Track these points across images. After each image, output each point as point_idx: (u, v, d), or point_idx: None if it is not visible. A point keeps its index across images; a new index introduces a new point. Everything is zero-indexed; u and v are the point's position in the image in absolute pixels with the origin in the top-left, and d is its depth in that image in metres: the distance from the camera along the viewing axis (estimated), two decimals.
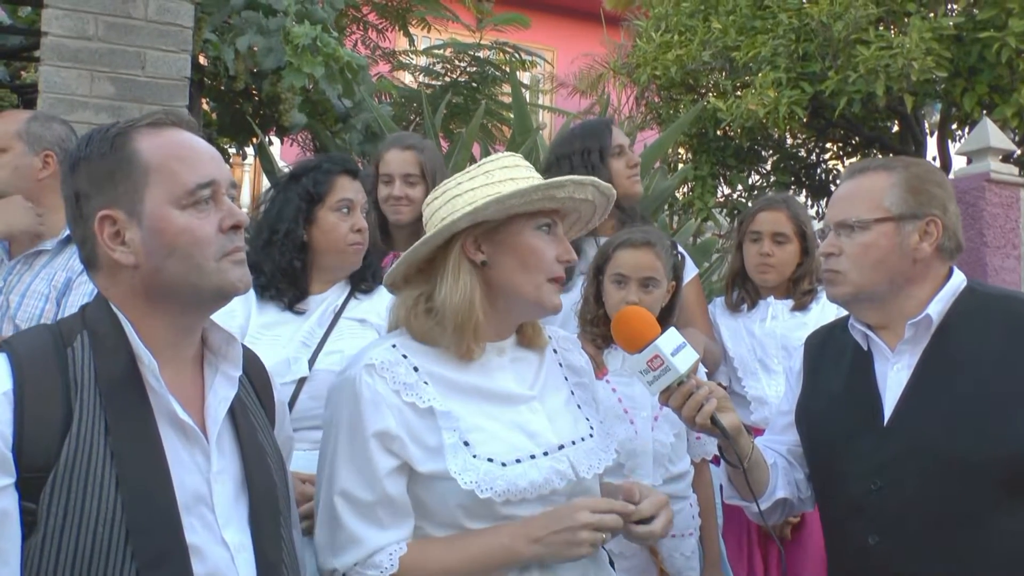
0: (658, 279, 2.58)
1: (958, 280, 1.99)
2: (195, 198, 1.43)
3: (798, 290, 3.22)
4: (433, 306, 1.79)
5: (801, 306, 3.21)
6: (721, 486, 2.25)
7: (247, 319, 2.42)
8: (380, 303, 2.49)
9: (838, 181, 2.14)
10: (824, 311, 3.11)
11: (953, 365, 1.90)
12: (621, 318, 1.94)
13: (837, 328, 2.16)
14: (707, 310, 3.30)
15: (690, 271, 3.12)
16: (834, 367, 2.10)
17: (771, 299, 3.24)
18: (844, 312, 2.14)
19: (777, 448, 2.19)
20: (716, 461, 2.68)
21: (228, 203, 1.48)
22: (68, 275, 2.66)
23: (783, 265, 3.20)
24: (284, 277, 2.47)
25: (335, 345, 2.38)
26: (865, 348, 2.05)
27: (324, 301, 2.50)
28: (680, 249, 2.81)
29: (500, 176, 1.77)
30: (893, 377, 1.97)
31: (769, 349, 3.19)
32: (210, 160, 1.48)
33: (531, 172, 1.83)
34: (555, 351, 1.99)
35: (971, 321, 1.93)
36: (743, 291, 3.29)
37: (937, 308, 1.94)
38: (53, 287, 2.65)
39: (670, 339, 1.85)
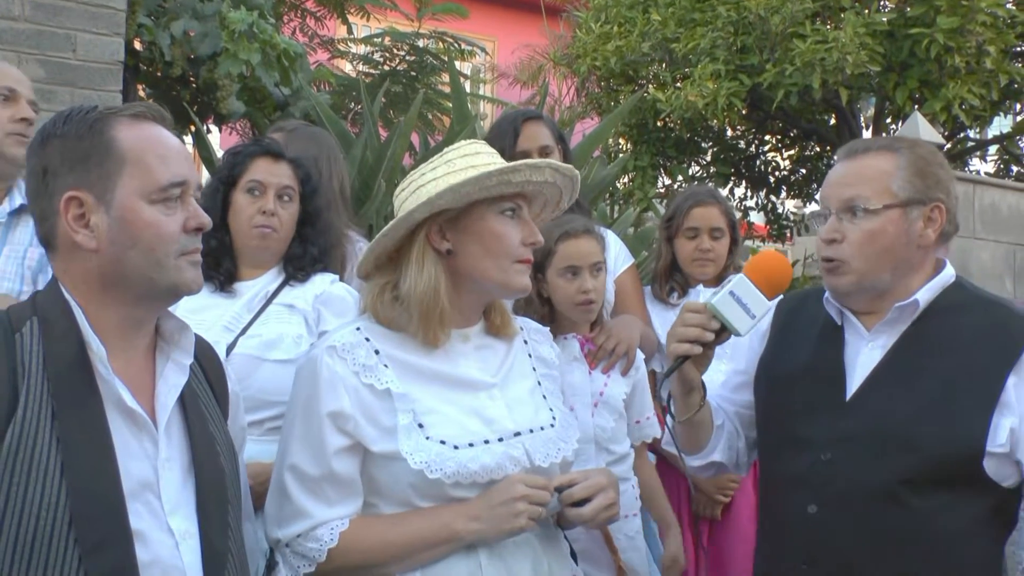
0: (602, 262, 2.61)
1: (949, 272, 1.94)
2: (166, 195, 1.46)
3: (725, 279, 3.25)
4: (399, 294, 1.80)
5: None
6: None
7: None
8: (311, 290, 2.48)
9: (835, 158, 1.99)
10: None
11: (927, 353, 1.87)
12: (776, 260, 1.95)
13: (811, 297, 2.10)
14: (644, 298, 3.32)
15: (627, 260, 3.16)
16: (803, 335, 2.05)
17: (700, 288, 3.28)
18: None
19: (727, 409, 2.17)
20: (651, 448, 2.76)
21: (194, 204, 1.51)
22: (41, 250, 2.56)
23: (720, 258, 3.25)
24: (204, 258, 2.46)
25: (257, 329, 2.38)
26: (839, 323, 2.00)
27: (255, 286, 2.49)
28: (609, 238, 2.81)
29: (461, 164, 1.78)
30: (866, 355, 1.92)
31: None
32: (184, 160, 1.51)
33: (493, 158, 1.82)
34: (525, 342, 1.99)
35: (953, 315, 1.89)
36: (673, 283, 3.32)
37: (926, 296, 1.89)
38: (27, 267, 2.56)
39: (750, 293, 1.85)
